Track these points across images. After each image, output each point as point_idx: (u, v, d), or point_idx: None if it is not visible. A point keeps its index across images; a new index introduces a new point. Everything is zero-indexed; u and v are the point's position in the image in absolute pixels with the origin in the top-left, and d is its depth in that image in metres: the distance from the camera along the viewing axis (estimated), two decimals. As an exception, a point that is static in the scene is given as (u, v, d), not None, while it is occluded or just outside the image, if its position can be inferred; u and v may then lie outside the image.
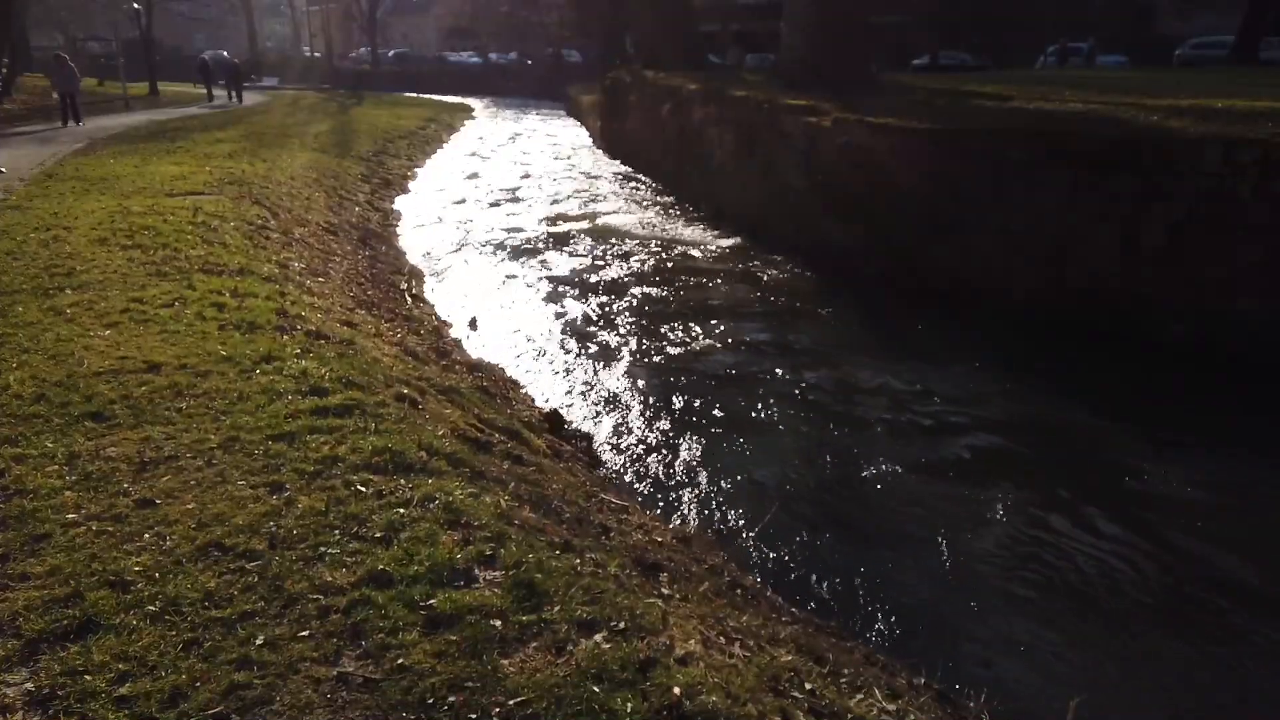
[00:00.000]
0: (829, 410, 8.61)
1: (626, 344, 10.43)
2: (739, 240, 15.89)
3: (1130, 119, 11.27)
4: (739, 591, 4.86)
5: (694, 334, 10.78)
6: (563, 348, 10.32)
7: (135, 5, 35.73)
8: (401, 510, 4.00)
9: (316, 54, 79.18)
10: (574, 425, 8.14)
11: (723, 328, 11.02)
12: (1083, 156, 10.43)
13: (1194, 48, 31.79)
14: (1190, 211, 9.61)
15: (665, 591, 4.01)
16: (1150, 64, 32.60)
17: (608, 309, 11.77)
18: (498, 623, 3.25)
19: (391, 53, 76.63)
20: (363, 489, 4.20)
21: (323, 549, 3.69)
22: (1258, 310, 9.23)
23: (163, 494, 4.12)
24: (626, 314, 11.57)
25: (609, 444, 7.86)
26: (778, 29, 22.60)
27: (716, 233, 16.60)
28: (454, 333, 10.67)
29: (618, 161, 26.98)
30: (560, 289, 12.79)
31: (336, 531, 3.82)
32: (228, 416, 4.96)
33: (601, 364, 9.78)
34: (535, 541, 3.94)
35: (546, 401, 8.66)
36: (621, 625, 3.33)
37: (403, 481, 4.31)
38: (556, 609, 3.38)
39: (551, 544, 4.02)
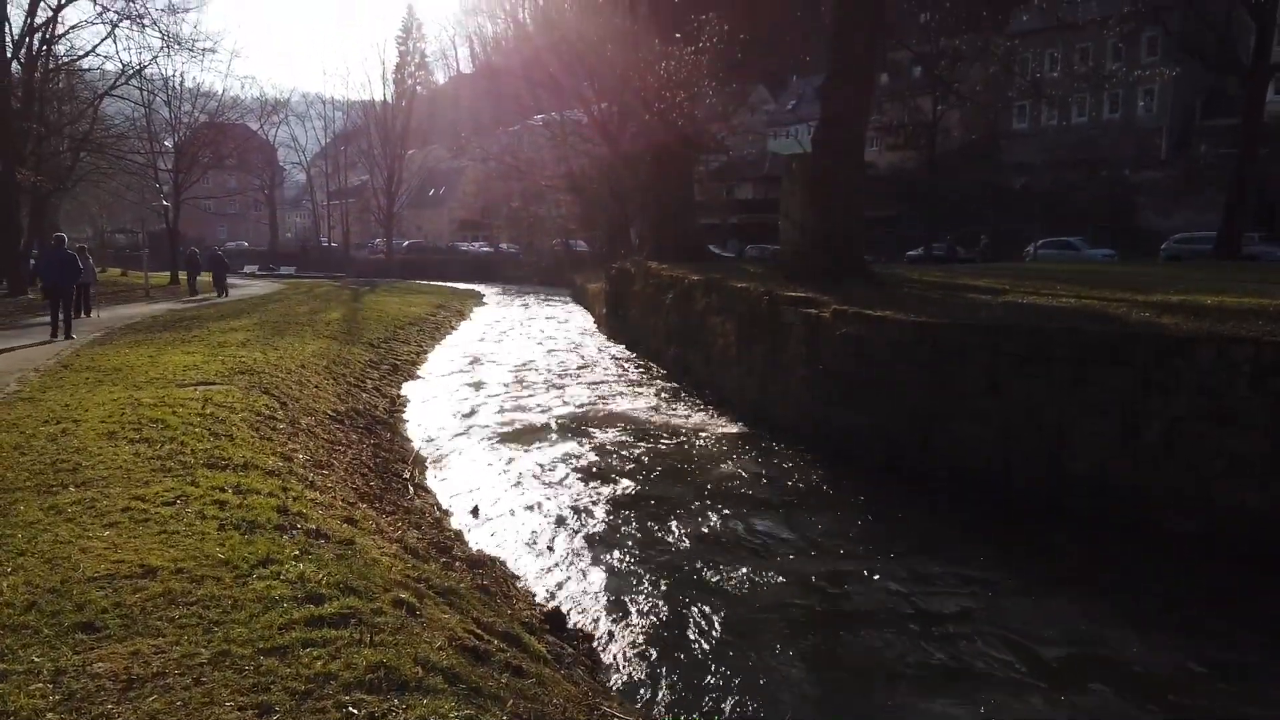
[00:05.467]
0: (836, 607, 8.38)
1: (628, 534, 10.29)
2: (741, 427, 15.97)
3: (1122, 315, 11.57)
4: (749, 821, 4.57)
5: (697, 524, 10.64)
6: (564, 538, 10.18)
7: (164, 202, 37.61)
8: (394, 736, 3.84)
9: (333, 244, 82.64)
10: (575, 623, 7.92)
11: (726, 517, 10.89)
12: (1077, 351, 10.63)
13: (1179, 242, 33.17)
14: (1189, 406, 9.70)
15: (670, 827, 3.78)
16: (1136, 257, 33.96)
17: (610, 497, 11.68)
18: None
19: (406, 243, 80.00)
20: (354, 711, 4.03)
21: (309, 783, 3.51)
22: (1262, 504, 9.15)
23: (147, 717, 3.95)
24: (628, 503, 11.48)
25: (611, 643, 7.61)
26: (775, 222, 23.64)
27: (719, 419, 16.71)
28: (455, 521, 10.57)
29: (622, 347, 27.57)
30: (562, 475, 12.75)
31: (325, 762, 3.65)
32: (220, 628, 4.83)
33: (603, 556, 9.61)
34: (533, 773, 3.76)
35: (549, 597, 8.46)
36: None
37: (397, 702, 4.15)
38: None
39: (550, 775, 3.82)
